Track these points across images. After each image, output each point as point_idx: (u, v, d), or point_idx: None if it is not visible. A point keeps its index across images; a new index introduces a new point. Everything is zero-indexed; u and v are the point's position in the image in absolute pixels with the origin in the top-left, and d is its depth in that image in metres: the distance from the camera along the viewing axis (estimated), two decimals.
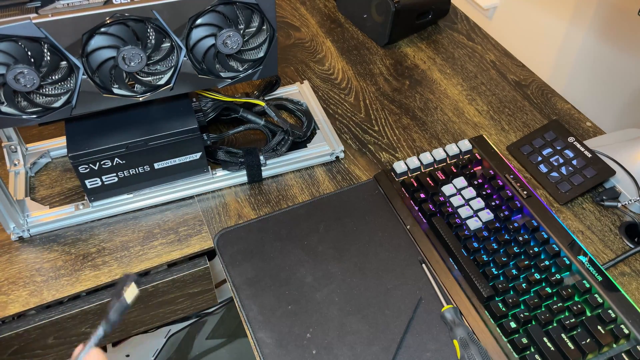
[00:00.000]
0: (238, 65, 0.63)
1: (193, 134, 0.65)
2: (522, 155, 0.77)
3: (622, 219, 0.71)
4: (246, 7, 0.58)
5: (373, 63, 0.93)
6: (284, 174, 0.74)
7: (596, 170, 0.72)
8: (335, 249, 0.65)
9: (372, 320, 0.59)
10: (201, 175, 0.71)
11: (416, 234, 0.66)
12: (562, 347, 0.55)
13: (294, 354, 0.56)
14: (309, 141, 0.76)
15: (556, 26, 1.05)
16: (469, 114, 0.85)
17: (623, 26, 0.92)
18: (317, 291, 0.61)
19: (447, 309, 0.59)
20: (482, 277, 0.61)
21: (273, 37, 0.62)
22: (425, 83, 0.90)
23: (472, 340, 0.55)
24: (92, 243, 0.66)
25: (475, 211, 0.67)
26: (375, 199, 0.71)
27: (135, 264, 0.64)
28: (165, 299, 0.69)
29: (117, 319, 0.44)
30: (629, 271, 0.65)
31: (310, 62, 0.93)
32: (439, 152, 0.74)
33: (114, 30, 0.53)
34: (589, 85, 1.02)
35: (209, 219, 0.69)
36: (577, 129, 0.83)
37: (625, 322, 0.57)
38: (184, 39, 0.57)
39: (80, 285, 0.62)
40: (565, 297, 0.59)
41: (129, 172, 0.65)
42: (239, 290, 0.61)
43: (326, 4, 1.06)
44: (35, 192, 0.71)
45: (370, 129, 0.82)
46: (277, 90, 0.83)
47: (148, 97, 0.60)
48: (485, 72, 0.92)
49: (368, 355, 0.56)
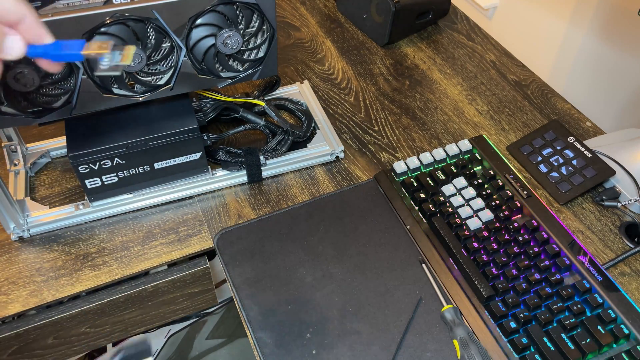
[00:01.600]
0: (238, 65, 0.63)
1: (193, 134, 0.65)
2: (522, 155, 0.77)
3: (622, 219, 0.71)
4: (246, 7, 0.58)
5: (373, 63, 0.93)
6: (284, 174, 0.74)
7: (596, 170, 0.72)
8: (335, 249, 0.65)
9: (372, 320, 0.59)
10: (201, 175, 0.71)
11: (416, 234, 0.66)
12: (562, 347, 0.55)
13: (294, 354, 0.56)
14: (309, 141, 0.76)
15: (556, 26, 1.05)
16: (469, 114, 0.85)
17: (623, 26, 0.92)
18: (317, 291, 0.61)
19: (447, 309, 0.59)
20: (482, 277, 0.61)
21: (273, 37, 0.62)
22: (425, 83, 0.90)
23: (472, 340, 0.55)
24: (92, 243, 0.66)
25: (475, 211, 0.67)
26: (375, 199, 0.71)
27: (135, 264, 0.64)
28: (165, 299, 0.69)
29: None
30: (629, 271, 0.65)
31: (310, 62, 0.93)
32: (439, 152, 0.74)
33: (114, 30, 0.53)
34: (589, 85, 1.02)
35: (209, 219, 0.69)
36: (577, 129, 0.83)
37: (625, 322, 0.57)
38: (184, 39, 0.57)
39: (80, 285, 0.62)
40: (565, 297, 0.59)
41: (129, 172, 0.65)
42: (239, 290, 0.61)
43: (326, 4, 1.06)
44: (35, 192, 0.71)
45: (370, 129, 0.82)
46: (277, 90, 0.83)
47: (148, 97, 0.60)
48: (485, 72, 0.92)
49: (368, 355, 0.56)
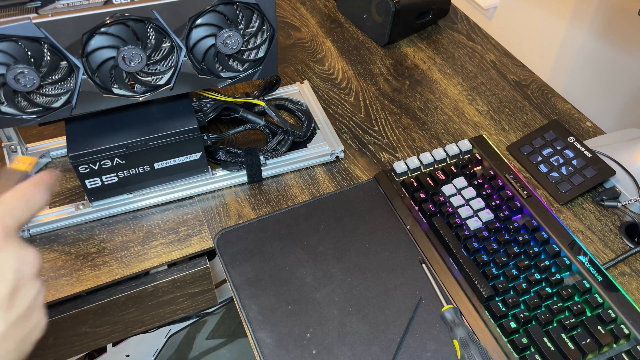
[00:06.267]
0: (238, 65, 0.63)
1: (193, 134, 0.65)
2: (522, 155, 0.77)
3: (622, 219, 0.71)
4: (246, 7, 0.58)
5: (373, 63, 0.93)
6: (284, 174, 0.74)
7: (596, 170, 0.72)
8: (335, 249, 0.65)
9: (372, 320, 0.59)
10: (201, 175, 0.71)
11: (416, 234, 0.66)
12: (562, 347, 0.55)
13: (294, 354, 0.56)
14: (309, 141, 0.76)
15: (556, 26, 1.05)
16: (469, 114, 0.85)
17: (623, 26, 0.92)
18: (317, 291, 0.61)
19: (447, 309, 0.59)
20: (482, 277, 0.61)
21: (273, 37, 0.62)
22: (425, 83, 0.90)
23: (472, 340, 0.55)
24: (92, 243, 0.66)
25: (475, 211, 0.67)
26: (375, 199, 0.71)
27: (135, 264, 0.64)
28: (165, 299, 0.69)
29: None
30: (629, 271, 0.65)
31: (310, 62, 0.93)
32: (439, 152, 0.74)
33: (114, 30, 0.53)
34: (589, 85, 1.02)
35: (209, 219, 0.69)
36: (577, 129, 0.83)
37: (625, 322, 0.57)
38: (184, 39, 0.57)
39: (80, 285, 0.62)
40: (565, 297, 0.59)
41: (129, 172, 0.65)
42: (239, 290, 0.61)
43: (326, 4, 1.06)
44: None
45: (370, 129, 0.82)
46: (277, 90, 0.83)
47: (148, 97, 0.60)
48: (485, 72, 0.92)
49: (368, 355, 0.56)
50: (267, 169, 0.73)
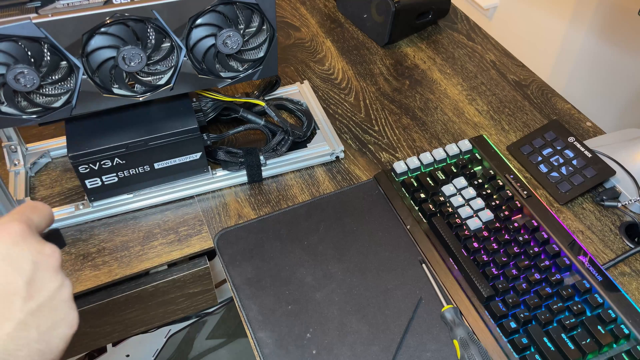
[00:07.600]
0: (238, 65, 0.63)
1: (193, 134, 0.65)
2: (522, 155, 0.77)
3: (622, 219, 0.71)
4: (246, 7, 0.58)
5: (373, 63, 0.93)
6: (284, 174, 0.74)
7: (596, 170, 0.72)
8: (335, 249, 0.65)
9: (372, 320, 0.59)
10: (201, 175, 0.71)
11: (416, 234, 0.66)
12: (562, 347, 0.55)
13: (294, 354, 0.56)
14: (309, 141, 0.76)
15: (556, 26, 1.05)
16: (469, 114, 0.85)
17: (623, 26, 0.92)
18: (317, 291, 0.61)
19: (447, 309, 0.59)
20: (482, 277, 0.61)
21: (273, 37, 0.62)
22: (425, 83, 0.90)
23: (472, 340, 0.55)
24: (92, 243, 0.66)
25: (475, 211, 0.67)
26: (375, 199, 0.71)
27: (135, 264, 0.64)
28: (165, 299, 0.69)
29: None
30: (629, 271, 0.65)
31: (310, 62, 0.93)
32: (439, 152, 0.74)
33: (114, 30, 0.53)
34: (589, 85, 1.02)
35: (209, 219, 0.69)
36: (577, 129, 0.83)
37: (625, 322, 0.57)
38: (184, 39, 0.57)
39: (80, 285, 0.62)
40: (565, 297, 0.59)
41: (129, 172, 0.65)
42: (239, 290, 0.61)
43: (326, 4, 1.06)
44: (35, 192, 0.71)
45: (370, 129, 0.82)
46: (277, 90, 0.83)
47: (148, 97, 0.60)
48: (485, 72, 0.92)
49: (368, 355, 0.56)
50: (267, 169, 0.73)
